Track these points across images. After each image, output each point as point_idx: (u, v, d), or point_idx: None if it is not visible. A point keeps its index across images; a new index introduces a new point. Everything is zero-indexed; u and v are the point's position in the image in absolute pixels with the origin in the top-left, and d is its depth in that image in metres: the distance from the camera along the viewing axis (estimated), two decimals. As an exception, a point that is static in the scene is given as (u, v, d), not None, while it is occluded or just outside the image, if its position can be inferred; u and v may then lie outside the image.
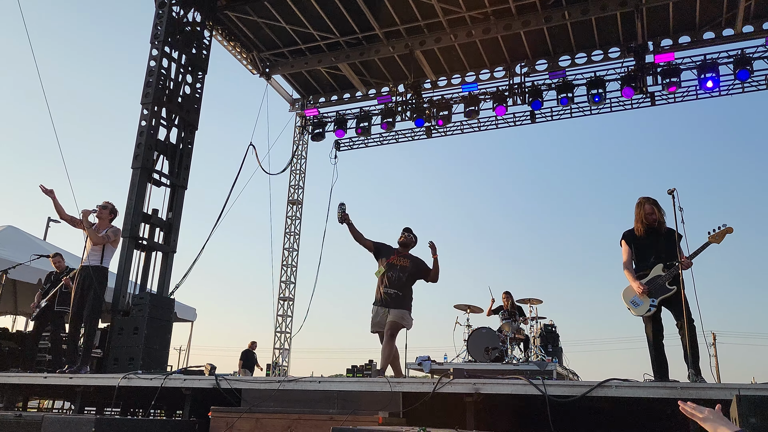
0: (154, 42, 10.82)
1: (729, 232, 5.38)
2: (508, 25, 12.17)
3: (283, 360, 14.73)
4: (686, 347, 5.24)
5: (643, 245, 5.68)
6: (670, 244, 5.48)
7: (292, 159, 15.94)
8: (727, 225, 5.38)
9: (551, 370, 9.15)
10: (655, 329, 5.46)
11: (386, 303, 6.48)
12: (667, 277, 5.41)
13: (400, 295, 6.49)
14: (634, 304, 5.55)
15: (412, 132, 15.05)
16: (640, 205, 5.72)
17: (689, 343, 5.19)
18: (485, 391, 4.79)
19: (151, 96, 10.45)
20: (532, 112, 13.72)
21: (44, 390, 7.65)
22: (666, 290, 5.41)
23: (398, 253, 6.72)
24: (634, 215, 5.78)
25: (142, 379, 5.90)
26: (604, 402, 4.74)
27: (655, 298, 5.44)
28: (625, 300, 5.65)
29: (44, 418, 4.87)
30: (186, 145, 11.14)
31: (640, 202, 5.74)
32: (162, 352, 9.28)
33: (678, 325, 5.38)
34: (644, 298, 5.48)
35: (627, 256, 5.73)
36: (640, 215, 5.70)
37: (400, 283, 6.53)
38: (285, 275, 15.39)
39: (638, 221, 5.72)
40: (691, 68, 12.10)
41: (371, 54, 13.48)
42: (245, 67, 14.38)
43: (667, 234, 5.56)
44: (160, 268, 10.41)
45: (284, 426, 4.83)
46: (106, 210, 7.19)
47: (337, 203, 6.67)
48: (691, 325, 5.27)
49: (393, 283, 6.53)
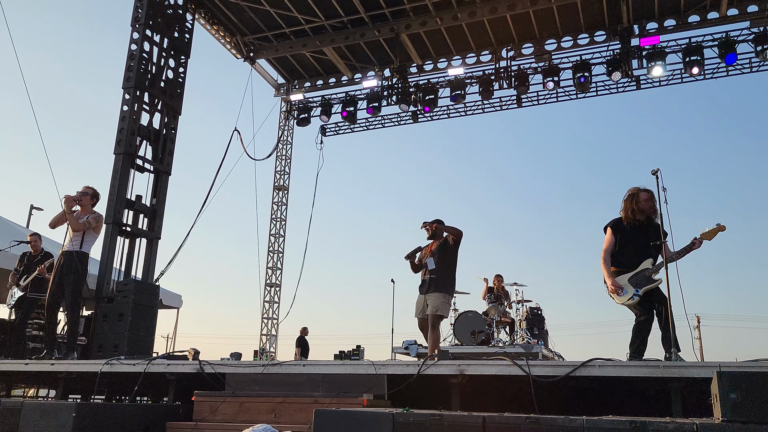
0: (134, 25, 10.64)
1: (721, 230, 5.38)
2: (494, 9, 12.10)
3: (270, 346, 14.71)
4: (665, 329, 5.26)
5: (632, 237, 5.62)
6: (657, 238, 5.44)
7: (278, 144, 15.81)
8: (720, 224, 5.38)
9: (537, 353, 9.22)
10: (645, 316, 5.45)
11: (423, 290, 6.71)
12: (653, 270, 5.44)
13: (433, 279, 6.65)
14: (619, 293, 5.55)
15: (398, 117, 14.99)
16: (633, 195, 5.64)
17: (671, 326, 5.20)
18: (470, 372, 4.80)
19: (133, 80, 10.30)
20: (518, 96, 13.70)
21: (28, 378, 7.57)
22: (651, 281, 5.44)
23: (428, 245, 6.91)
24: (624, 205, 5.70)
25: (125, 365, 5.85)
26: (588, 382, 4.76)
27: (639, 288, 5.46)
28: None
29: (23, 404, 4.81)
30: (169, 130, 11.00)
31: (633, 192, 5.66)
32: (147, 339, 9.21)
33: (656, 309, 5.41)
34: (628, 287, 5.50)
35: (608, 245, 5.67)
36: (632, 204, 5.62)
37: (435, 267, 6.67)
38: (271, 261, 15.33)
39: (628, 210, 5.64)
40: (676, 51, 12.12)
41: (356, 38, 13.35)
42: (229, 51, 14.20)
43: (656, 229, 5.49)
44: (145, 255, 10.32)
45: (268, 409, 4.81)
46: (87, 196, 7.07)
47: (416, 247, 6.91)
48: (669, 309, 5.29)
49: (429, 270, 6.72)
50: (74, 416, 4.43)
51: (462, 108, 14.38)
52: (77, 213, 6.98)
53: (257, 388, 5.18)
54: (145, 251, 10.35)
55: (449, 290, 6.73)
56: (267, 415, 4.85)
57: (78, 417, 4.45)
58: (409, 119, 14.93)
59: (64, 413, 4.50)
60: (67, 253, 6.90)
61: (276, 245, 15.46)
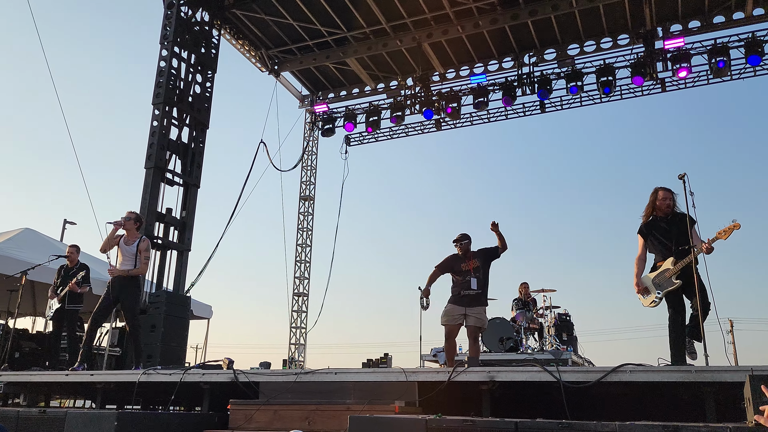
0: (163, 42, 10.92)
1: (736, 228, 5.36)
2: (516, 15, 12.14)
3: (299, 355, 14.83)
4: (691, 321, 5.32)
5: (657, 236, 5.71)
6: (683, 229, 5.48)
7: (303, 155, 16.00)
8: (735, 221, 5.36)
9: (566, 359, 9.18)
10: (675, 316, 5.46)
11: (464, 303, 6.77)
12: (673, 271, 5.45)
13: (478, 293, 6.78)
14: (644, 294, 5.67)
15: (421, 125, 15.06)
16: (654, 193, 5.78)
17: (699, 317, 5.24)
18: (500, 378, 4.83)
19: (162, 96, 10.56)
20: (541, 102, 13.69)
21: (66, 388, 7.77)
22: (671, 283, 5.47)
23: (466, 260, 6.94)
24: (647, 206, 5.83)
25: (161, 375, 5.99)
26: (619, 387, 4.76)
27: (660, 291, 5.53)
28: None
29: (68, 413, 4.97)
30: (198, 143, 11.24)
31: (653, 191, 5.80)
32: (179, 349, 9.41)
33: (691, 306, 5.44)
34: (652, 288, 5.60)
35: (639, 250, 5.82)
36: (652, 203, 5.76)
37: (479, 283, 6.81)
38: (299, 271, 15.48)
39: (649, 208, 5.78)
40: (701, 53, 12.02)
41: (379, 48, 13.49)
42: (254, 65, 14.45)
43: (680, 220, 5.55)
44: (176, 267, 10.54)
45: (302, 417, 4.90)
46: (130, 221, 7.27)
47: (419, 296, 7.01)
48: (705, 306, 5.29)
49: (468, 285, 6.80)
50: (116, 424, 4.57)
51: (485, 115, 14.41)
52: (124, 237, 7.19)
53: (290, 396, 5.28)
54: (175, 263, 10.58)
55: (487, 303, 6.93)
56: (301, 422, 4.94)
57: (120, 425, 4.59)
58: (432, 127, 15.00)
59: (106, 422, 4.64)
60: (121, 276, 7.11)
61: (303, 255, 15.61)
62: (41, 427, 5.08)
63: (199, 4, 11.56)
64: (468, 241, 6.98)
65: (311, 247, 15.73)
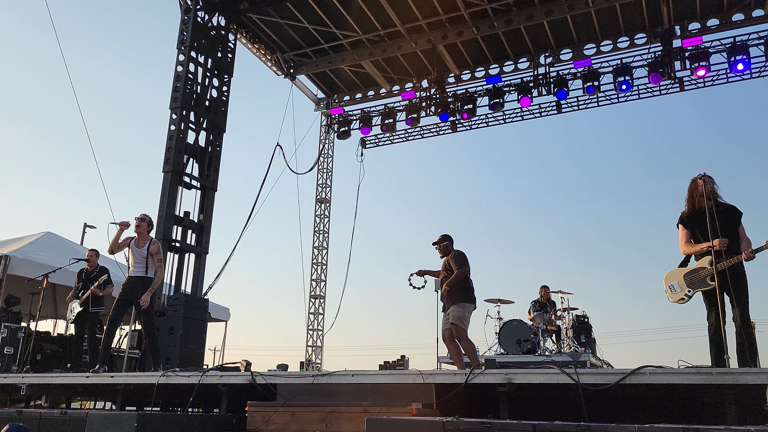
0: (180, 47, 11.03)
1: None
2: (531, 15, 12.09)
3: (316, 357, 14.88)
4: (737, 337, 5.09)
5: (700, 227, 5.35)
6: (728, 225, 5.20)
7: (319, 158, 16.06)
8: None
9: (585, 361, 9.11)
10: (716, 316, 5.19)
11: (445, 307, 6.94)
12: (709, 271, 5.18)
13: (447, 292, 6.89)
14: (672, 289, 5.46)
15: (437, 127, 15.05)
16: (693, 182, 5.47)
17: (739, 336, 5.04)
18: (518, 381, 4.81)
19: (180, 100, 10.66)
20: (557, 102, 13.61)
21: (86, 390, 7.87)
22: (705, 284, 5.23)
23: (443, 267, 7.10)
24: (687, 196, 5.53)
25: (180, 377, 6.04)
26: (638, 390, 4.71)
27: (692, 289, 5.33)
28: (665, 282, 5.55)
29: (89, 414, 5.03)
30: (214, 147, 11.33)
31: (692, 179, 5.48)
32: (198, 352, 9.49)
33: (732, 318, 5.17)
34: (682, 284, 5.37)
35: (683, 239, 5.48)
36: (692, 193, 5.46)
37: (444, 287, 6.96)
38: (315, 273, 15.53)
39: (693, 198, 5.46)
40: (720, 51, 11.88)
41: (394, 50, 13.51)
42: (270, 69, 14.54)
43: (724, 213, 5.25)
44: (194, 269, 10.63)
45: (319, 419, 4.92)
46: (144, 222, 7.33)
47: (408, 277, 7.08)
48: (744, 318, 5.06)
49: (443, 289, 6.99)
50: (136, 425, 4.63)
51: (501, 116, 14.36)
52: (135, 239, 7.26)
53: (308, 398, 5.30)
54: (193, 266, 10.66)
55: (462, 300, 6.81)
56: (318, 424, 4.95)
57: (140, 426, 4.64)
58: (448, 129, 14.99)
59: (126, 423, 4.70)
60: (135, 278, 7.18)
61: (320, 257, 15.66)
62: (63, 428, 5.15)
63: (215, 9, 11.67)
64: (447, 243, 7.08)
65: (327, 249, 15.78)
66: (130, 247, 7.24)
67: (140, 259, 7.18)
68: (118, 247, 7.22)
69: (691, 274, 5.37)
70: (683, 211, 5.60)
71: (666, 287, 5.55)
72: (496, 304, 10.63)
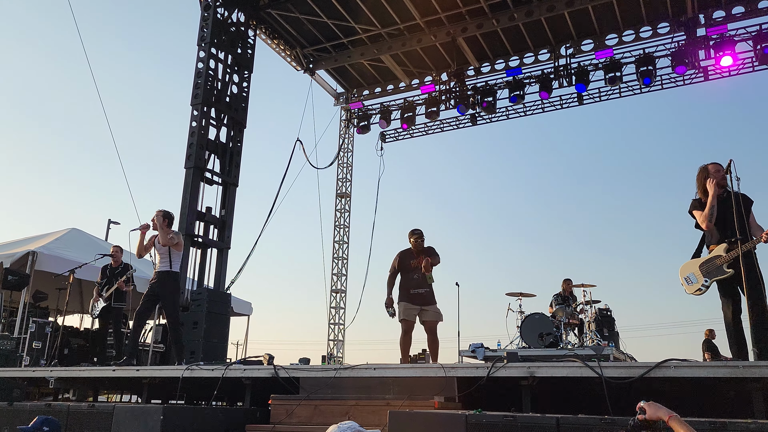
0: (200, 44, 11.11)
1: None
2: (552, 6, 11.96)
3: (337, 351, 14.95)
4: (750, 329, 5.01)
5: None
6: (739, 211, 5.06)
7: (339, 152, 16.09)
8: None
9: (608, 355, 9.02)
10: (732, 307, 5.15)
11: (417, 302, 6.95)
12: (726, 259, 5.11)
13: (429, 291, 6.98)
14: (688, 281, 5.34)
15: (457, 120, 14.99)
16: (702, 170, 5.34)
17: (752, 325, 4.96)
18: (540, 374, 4.78)
19: (200, 97, 10.74)
20: (579, 93, 13.47)
21: (113, 383, 8.00)
22: (722, 272, 5.14)
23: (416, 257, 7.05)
24: (697, 184, 5.40)
25: (204, 370, 6.11)
26: (663, 383, 4.66)
27: (708, 279, 5.22)
28: (680, 275, 5.44)
29: (115, 407, 5.12)
30: (235, 143, 11.41)
31: (702, 167, 5.36)
32: (221, 346, 9.58)
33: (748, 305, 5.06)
34: (698, 275, 5.28)
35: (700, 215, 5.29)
36: (703, 179, 5.31)
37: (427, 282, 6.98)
38: (336, 267, 15.59)
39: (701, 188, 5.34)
40: (746, 39, 11.65)
41: (413, 44, 13.46)
42: (289, 64, 14.58)
43: (735, 201, 5.09)
44: (216, 264, 10.73)
45: (342, 412, 4.94)
46: (160, 218, 7.41)
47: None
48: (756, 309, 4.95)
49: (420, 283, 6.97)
50: (162, 418, 4.70)
51: (521, 108, 14.26)
52: (157, 237, 7.33)
53: (330, 392, 5.33)
54: (216, 261, 10.77)
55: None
56: (341, 417, 4.97)
57: (165, 419, 4.71)
58: (468, 122, 14.91)
59: (152, 416, 4.77)
60: (161, 273, 7.27)
61: (340, 252, 15.72)
62: (90, 420, 5.24)
63: (234, 5, 11.73)
64: (416, 240, 7.04)
65: (348, 243, 15.83)
66: (155, 246, 7.34)
67: (164, 254, 7.26)
68: (145, 249, 7.33)
69: (707, 264, 5.26)
70: (694, 199, 5.46)
71: (682, 279, 5.42)
72: (518, 298, 10.58)
